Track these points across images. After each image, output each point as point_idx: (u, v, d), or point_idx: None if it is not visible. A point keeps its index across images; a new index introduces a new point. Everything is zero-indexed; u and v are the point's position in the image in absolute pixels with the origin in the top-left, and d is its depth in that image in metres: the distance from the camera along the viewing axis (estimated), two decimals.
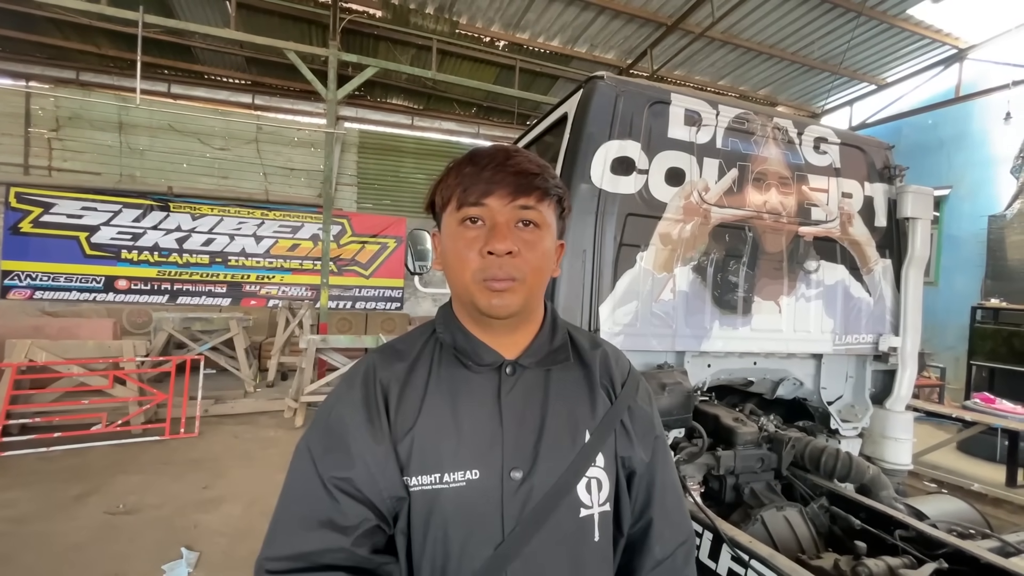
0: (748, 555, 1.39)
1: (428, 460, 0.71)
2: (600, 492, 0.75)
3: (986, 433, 4.47)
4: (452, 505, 0.69)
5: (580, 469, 0.74)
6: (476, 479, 0.70)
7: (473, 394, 0.75)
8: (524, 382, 0.77)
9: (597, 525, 0.75)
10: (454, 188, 0.73)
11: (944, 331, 7.22)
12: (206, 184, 8.91)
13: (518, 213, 0.71)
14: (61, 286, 8.29)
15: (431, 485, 0.70)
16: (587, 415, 0.78)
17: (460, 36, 7.74)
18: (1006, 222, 7.06)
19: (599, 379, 0.82)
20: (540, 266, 0.73)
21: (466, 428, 0.72)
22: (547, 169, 0.74)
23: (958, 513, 1.99)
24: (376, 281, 10.02)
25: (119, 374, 4.88)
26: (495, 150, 0.75)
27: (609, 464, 0.78)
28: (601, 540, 0.76)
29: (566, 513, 0.72)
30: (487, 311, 0.72)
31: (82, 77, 8.51)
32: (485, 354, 0.76)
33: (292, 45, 6.64)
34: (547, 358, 0.79)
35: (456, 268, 0.73)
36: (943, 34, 7.38)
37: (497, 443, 0.72)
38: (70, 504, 3.39)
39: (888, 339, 2.12)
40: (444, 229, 0.77)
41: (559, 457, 0.73)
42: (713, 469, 1.86)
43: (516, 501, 0.70)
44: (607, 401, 0.81)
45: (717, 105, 1.94)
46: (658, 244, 1.80)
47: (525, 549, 0.69)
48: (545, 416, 0.75)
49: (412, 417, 0.72)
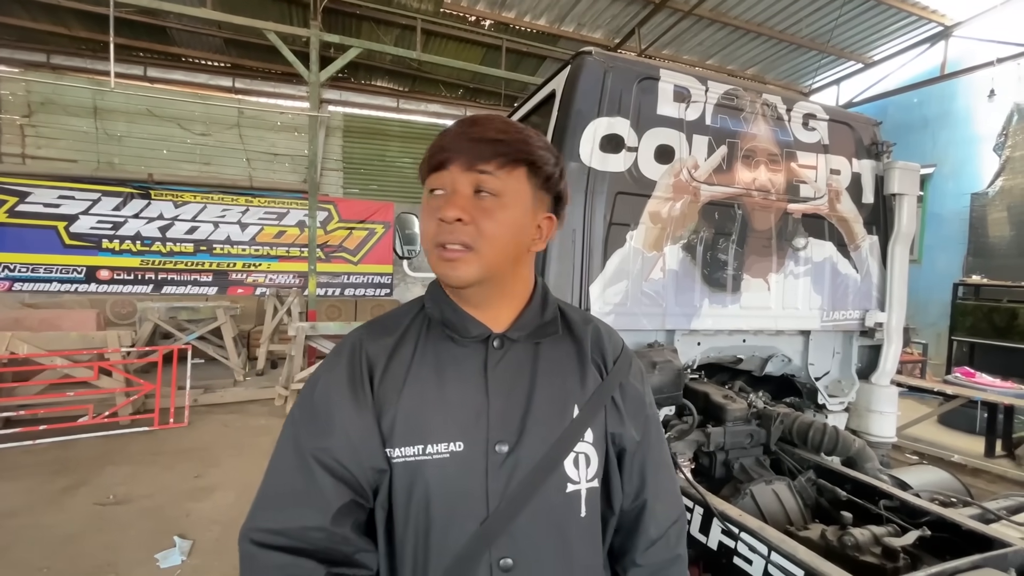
0: (738, 528, 1.41)
1: (412, 431, 0.70)
2: (588, 468, 0.75)
3: (966, 406, 4.59)
4: (435, 477, 0.69)
5: (568, 444, 0.73)
6: (460, 451, 0.70)
7: (460, 367, 0.74)
8: (512, 355, 0.76)
9: (584, 501, 0.74)
10: (425, 159, 0.74)
11: (927, 308, 7.35)
12: (188, 171, 8.70)
13: (476, 179, 0.69)
14: (41, 277, 8.10)
15: (414, 456, 0.69)
16: (576, 390, 0.77)
17: (445, 16, 7.57)
18: (988, 199, 7.16)
19: (590, 354, 0.81)
20: (496, 235, 0.70)
21: (451, 400, 0.72)
22: (518, 135, 0.72)
23: (940, 483, 2.04)
24: (365, 267, 9.92)
25: (104, 365, 4.80)
26: (468, 118, 0.74)
27: (598, 440, 0.77)
28: (588, 516, 0.75)
29: (553, 488, 0.72)
30: (442, 279, 0.73)
31: (53, 60, 8.20)
32: (472, 326, 0.75)
33: (272, 25, 6.45)
34: (536, 331, 0.78)
35: (422, 236, 0.74)
36: (929, 11, 7.37)
37: (483, 416, 0.71)
38: (59, 496, 3.36)
39: (874, 315, 2.15)
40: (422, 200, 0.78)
41: (546, 431, 0.73)
42: (703, 446, 1.88)
43: (501, 475, 0.70)
44: (598, 377, 0.80)
45: (706, 81, 1.92)
46: (648, 223, 1.78)
47: (511, 525, 0.69)
48: (533, 389, 0.75)
49: (397, 389, 0.72)
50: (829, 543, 1.43)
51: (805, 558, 1.22)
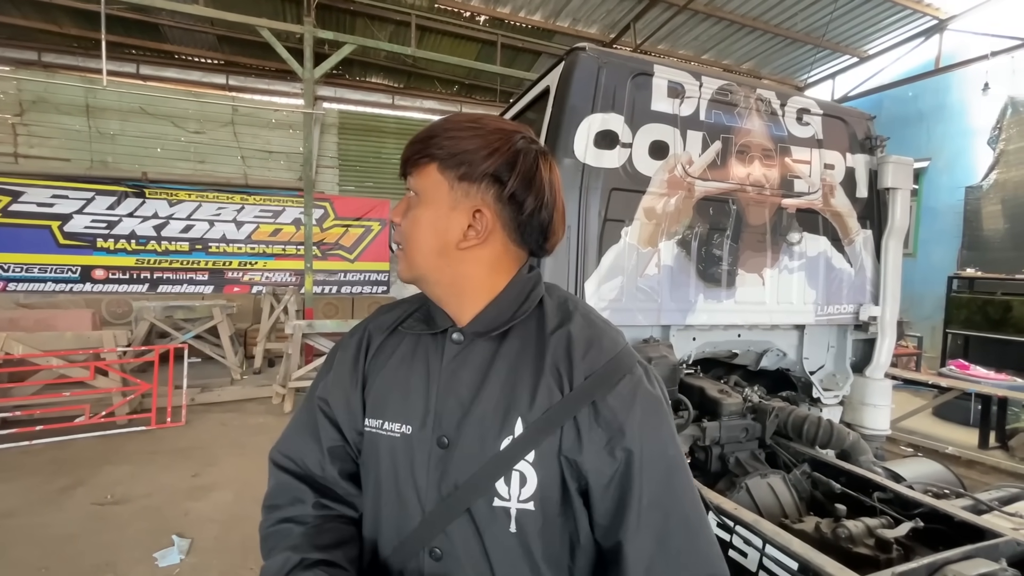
0: (733, 521, 1.43)
1: (378, 406, 0.79)
2: (522, 488, 0.69)
3: (960, 398, 4.63)
4: (387, 452, 0.76)
5: (505, 463, 0.69)
6: (408, 434, 0.75)
7: (426, 356, 0.78)
8: (469, 352, 0.74)
9: (514, 519, 0.69)
10: None
11: (922, 301, 7.39)
12: (182, 169, 8.65)
13: (408, 182, 0.77)
14: (35, 277, 8.04)
15: (375, 428, 0.78)
16: (524, 402, 0.70)
17: (439, 11, 7.53)
18: (982, 193, 7.19)
19: (549, 365, 0.72)
20: (412, 235, 0.76)
21: (411, 386, 0.77)
22: (441, 134, 0.71)
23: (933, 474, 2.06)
24: (361, 265, 9.89)
25: (100, 365, 4.79)
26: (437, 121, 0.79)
27: (545, 461, 0.68)
28: (519, 534, 0.69)
29: (481, 500, 0.70)
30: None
31: (44, 58, 8.14)
32: (439, 319, 0.80)
33: (265, 22, 6.41)
34: (494, 330, 0.74)
35: None
36: (924, 4, 7.37)
37: (429, 407, 0.75)
38: (56, 496, 3.36)
39: (868, 308, 2.16)
40: None
41: (480, 439, 0.70)
42: (699, 440, 1.90)
43: (437, 467, 0.72)
44: (555, 391, 0.70)
45: (700, 76, 1.92)
46: (643, 219, 1.79)
47: (445, 526, 0.72)
48: (479, 392, 0.72)
49: (379, 368, 0.81)
50: (823, 535, 1.45)
51: (799, 550, 1.23)
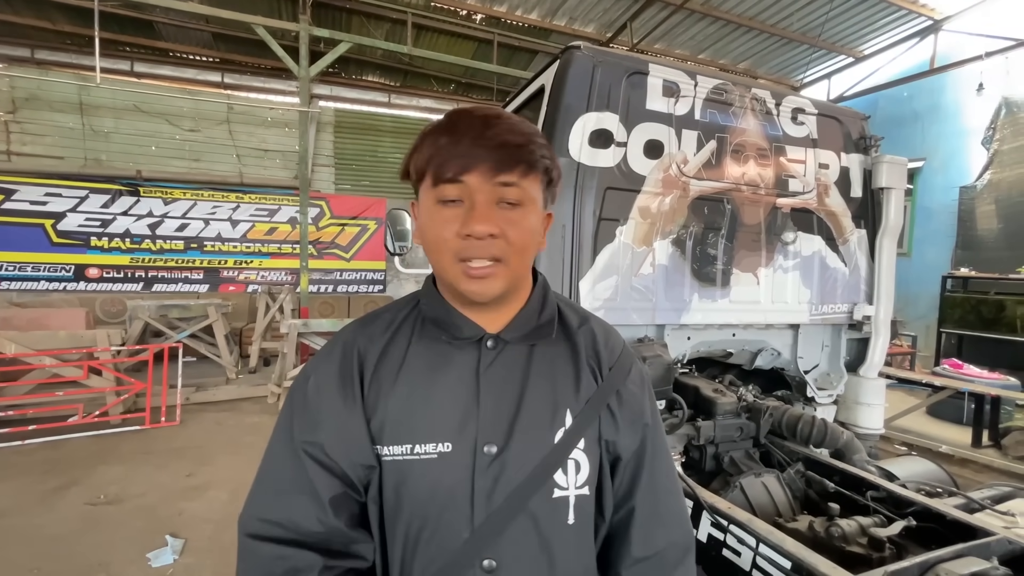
0: (727, 520, 1.43)
1: (400, 431, 0.70)
2: (578, 475, 0.73)
3: (954, 397, 4.66)
4: (422, 477, 0.69)
5: (562, 453, 0.72)
6: (448, 452, 0.69)
7: (451, 367, 0.73)
8: (505, 357, 0.74)
9: (572, 508, 0.72)
10: (428, 160, 0.67)
11: (916, 301, 7.43)
12: (177, 167, 8.61)
13: (499, 191, 0.66)
14: (28, 276, 8.00)
15: (402, 456, 0.69)
16: (570, 395, 0.75)
17: (436, 9, 7.51)
18: (976, 193, 7.23)
19: (584, 358, 0.78)
20: (525, 245, 0.69)
21: (441, 401, 0.71)
22: (533, 137, 0.69)
23: (926, 473, 2.08)
24: (357, 264, 9.88)
25: (94, 364, 4.76)
26: (473, 116, 0.68)
27: (591, 447, 0.74)
28: (576, 523, 0.73)
29: (541, 495, 0.70)
30: (468, 296, 0.70)
31: (37, 55, 8.07)
32: (465, 328, 0.74)
33: (261, 20, 6.38)
34: (531, 333, 0.76)
35: (434, 248, 0.69)
36: (919, 4, 7.39)
37: (472, 417, 0.70)
38: (49, 496, 3.33)
39: (862, 308, 2.17)
40: (421, 203, 0.71)
41: (535, 435, 0.72)
42: (694, 439, 1.90)
43: (488, 476, 0.69)
44: (592, 382, 0.77)
45: (695, 76, 1.92)
46: (637, 218, 1.79)
47: (501, 532, 0.68)
48: (524, 392, 0.73)
49: (388, 387, 0.72)
50: (817, 534, 1.45)
51: (792, 549, 1.23)
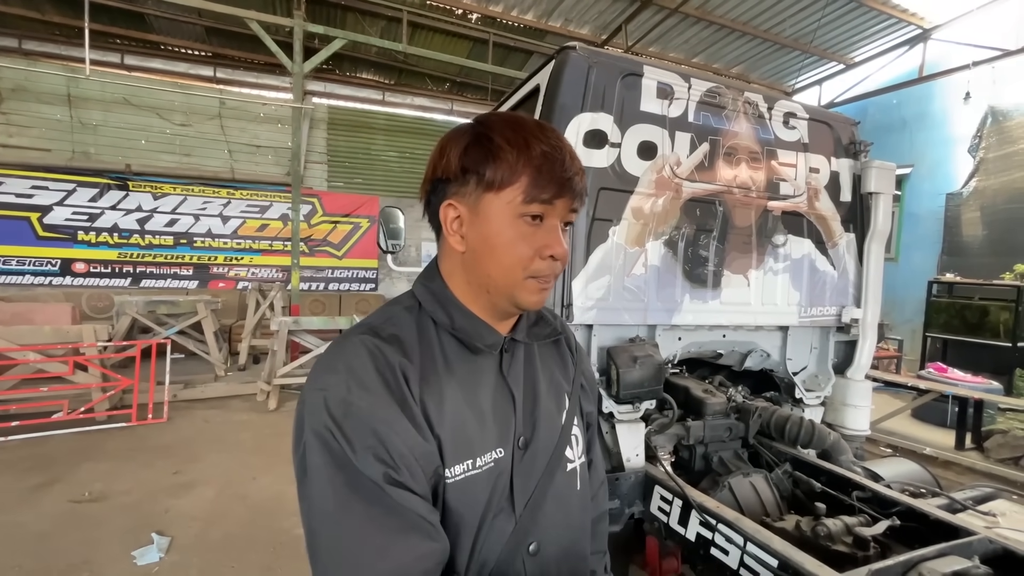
0: (715, 519, 1.44)
1: (462, 449, 0.68)
2: (578, 447, 0.84)
3: (938, 400, 4.73)
4: (485, 485, 0.70)
5: (568, 431, 0.82)
6: (501, 456, 0.73)
7: (482, 375, 0.75)
8: (516, 356, 0.81)
9: (579, 476, 0.83)
10: (520, 175, 0.66)
11: (903, 305, 7.53)
12: (167, 162, 8.51)
13: (567, 216, 0.72)
14: (13, 270, 7.87)
15: (463, 473, 0.68)
16: (564, 380, 0.87)
17: (431, 8, 7.50)
18: (962, 200, 7.35)
19: (564, 349, 0.91)
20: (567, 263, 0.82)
21: (486, 409, 0.72)
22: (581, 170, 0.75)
23: (911, 474, 2.11)
24: (349, 262, 9.83)
25: (80, 360, 4.69)
26: (557, 138, 0.70)
27: (580, 420, 0.88)
28: (582, 489, 0.84)
29: (560, 471, 0.79)
30: (527, 306, 0.73)
31: (25, 46, 7.94)
32: (488, 335, 0.74)
33: (255, 14, 6.33)
34: (530, 333, 0.83)
35: (505, 262, 0.69)
36: (908, 13, 7.51)
37: (511, 417, 0.75)
38: (32, 494, 3.28)
39: (850, 311, 2.19)
40: (490, 213, 0.68)
41: (551, 421, 0.80)
42: (683, 439, 1.91)
43: (523, 469, 0.74)
44: (572, 367, 0.90)
45: (689, 78, 1.93)
46: (630, 218, 1.80)
47: (538, 515, 0.74)
48: (536, 384, 0.81)
49: (437, 408, 0.67)
50: (803, 533, 1.47)
51: (779, 548, 1.25)
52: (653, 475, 1.74)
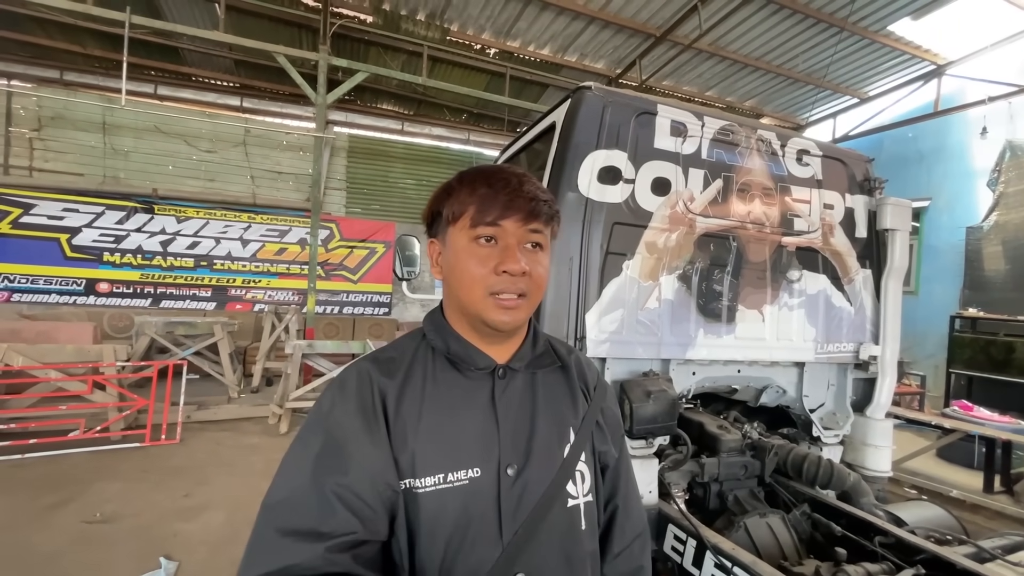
0: (731, 562, 1.40)
1: (434, 462, 0.74)
2: (583, 484, 0.83)
3: (964, 440, 4.56)
4: (457, 503, 0.73)
5: (571, 465, 0.82)
6: (477, 477, 0.75)
7: (469, 397, 0.80)
8: (514, 384, 0.83)
9: (583, 514, 0.82)
10: (467, 206, 0.78)
11: (924, 339, 7.36)
12: (192, 187, 8.80)
13: (528, 236, 0.78)
14: (40, 289, 8.11)
15: (435, 486, 0.73)
16: (571, 414, 0.86)
17: (451, 43, 7.77)
18: (983, 234, 7.24)
19: (577, 382, 0.91)
20: (543, 283, 0.81)
21: (466, 429, 0.77)
22: (550, 195, 0.82)
23: (936, 519, 2.03)
24: (364, 286, 9.95)
25: (98, 379, 4.77)
26: (507, 173, 0.80)
27: (589, 458, 0.86)
28: (587, 529, 0.82)
29: (559, 506, 0.79)
30: (497, 326, 0.78)
31: (66, 77, 8.38)
32: (479, 359, 0.81)
33: (282, 49, 6.61)
34: (533, 362, 0.86)
35: (466, 283, 0.77)
36: (922, 50, 7.57)
37: (494, 442, 0.77)
38: (45, 512, 3.31)
39: (868, 348, 2.16)
40: (452, 243, 0.80)
41: (549, 453, 0.80)
42: (698, 476, 1.88)
43: (512, 496, 0.75)
44: (584, 402, 0.90)
45: (702, 117, 1.97)
46: (644, 253, 1.81)
47: (529, 545, 0.74)
48: (535, 415, 0.82)
49: (413, 422, 0.75)
50: None
51: None
52: (667, 513, 1.71)
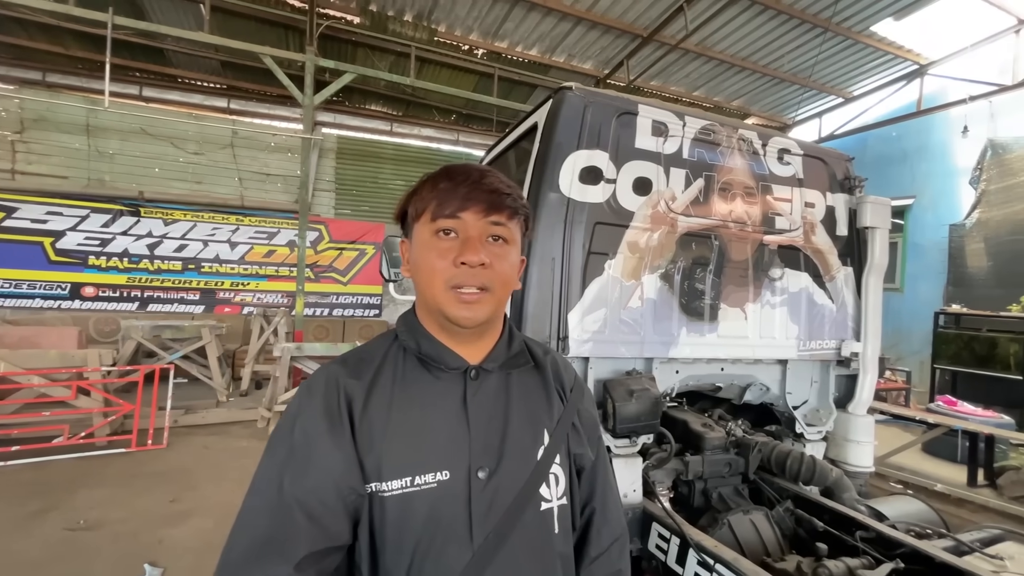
0: (714, 559, 1.41)
1: (400, 465, 0.73)
2: (557, 487, 0.82)
3: (948, 435, 4.63)
4: (425, 506, 0.72)
5: (545, 468, 0.80)
6: (446, 480, 0.73)
7: (439, 397, 0.78)
8: (487, 385, 0.81)
9: (556, 518, 0.80)
10: (429, 201, 0.77)
11: (910, 336, 7.45)
12: (179, 189, 8.71)
13: (490, 228, 0.76)
14: (24, 293, 7.99)
15: (401, 489, 0.72)
16: (546, 416, 0.85)
17: (439, 44, 7.76)
18: (966, 231, 7.35)
19: (552, 383, 0.89)
20: (508, 278, 0.79)
21: (434, 431, 0.76)
22: (516, 189, 0.80)
23: (917, 514, 2.06)
24: (354, 288, 9.90)
25: (83, 384, 4.71)
26: (469, 168, 0.79)
27: (564, 460, 0.84)
28: (560, 532, 0.81)
29: (531, 509, 0.77)
30: (457, 321, 0.76)
31: (48, 78, 8.26)
32: (450, 359, 0.80)
33: (268, 50, 6.56)
34: (507, 363, 0.84)
35: (427, 276, 0.76)
36: (905, 50, 7.68)
37: (464, 444, 0.75)
38: (28, 520, 3.25)
39: (850, 344, 2.18)
40: (416, 238, 0.79)
41: (522, 455, 0.79)
42: (682, 474, 1.89)
43: (483, 499, 0.74)
44: (560, 404, 0.88)
45: (684, 116, 1.98)
46: (626, 252, 1.82)
47: (501, 549, 0.73)
48: (508, 417, 0.80)
49: (380, 424, 0.74)
50: (804, 575, 1.43)
51: None
52: (651, 511, 1.72)
